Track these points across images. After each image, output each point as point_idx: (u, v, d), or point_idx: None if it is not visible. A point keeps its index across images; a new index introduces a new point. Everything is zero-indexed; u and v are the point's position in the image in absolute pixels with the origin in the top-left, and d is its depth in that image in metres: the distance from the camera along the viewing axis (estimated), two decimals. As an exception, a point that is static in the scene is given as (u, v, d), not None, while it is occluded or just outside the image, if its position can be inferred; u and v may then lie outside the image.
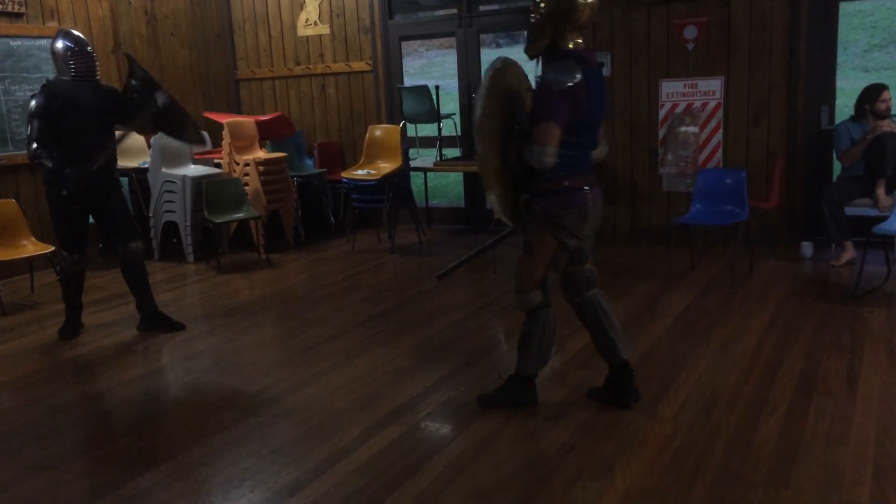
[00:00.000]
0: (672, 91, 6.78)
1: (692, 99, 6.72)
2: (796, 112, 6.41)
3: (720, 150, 6.69)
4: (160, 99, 4.61)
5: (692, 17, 6.62)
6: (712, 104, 6.66)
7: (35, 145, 4.53)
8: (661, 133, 6.87)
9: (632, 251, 6.63)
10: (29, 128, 4.58)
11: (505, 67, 3.33)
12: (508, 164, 3.29)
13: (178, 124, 4.91)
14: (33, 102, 4.58)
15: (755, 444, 3.12)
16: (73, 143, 4.58)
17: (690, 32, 6.64)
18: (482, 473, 3.00)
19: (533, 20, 3.28)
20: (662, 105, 6.85)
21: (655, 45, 6.81)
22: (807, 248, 6.10)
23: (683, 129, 6.75)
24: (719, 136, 6.67)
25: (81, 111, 4.60)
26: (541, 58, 3.37)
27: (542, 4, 3.24)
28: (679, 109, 6.77)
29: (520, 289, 3.46)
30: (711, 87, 6.63)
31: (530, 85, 3.46)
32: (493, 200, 3.26)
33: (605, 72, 6.95)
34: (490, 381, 3.86)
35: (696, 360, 4.05)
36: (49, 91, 4.58)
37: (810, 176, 6.47)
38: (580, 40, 3.27)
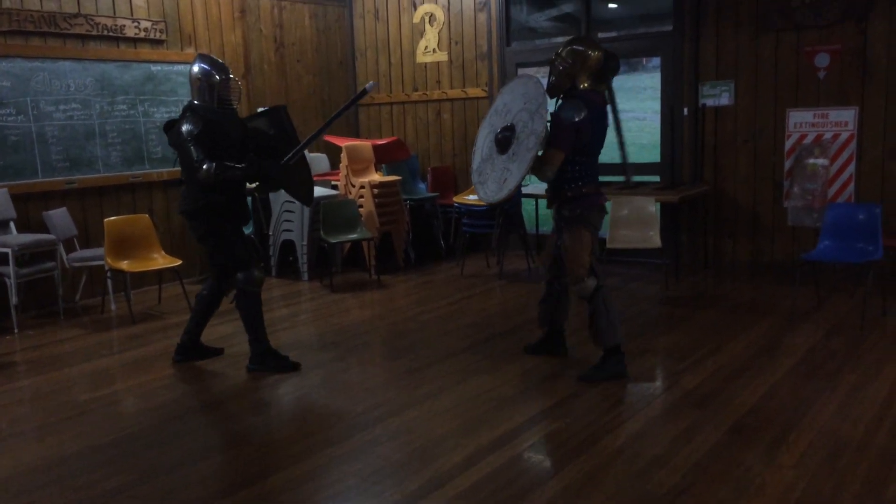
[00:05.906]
0: (800, 121, 6.47)
1: (822, 130, 6.39)
2: (939, 145, 6.00)
3: (852, 184, 6.32)
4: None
5: (824, 44, 6.32)
6: (844, 136, 6.31)
7: (213, 163, 4.34)
8: (788, 165, 6.56)
9: (751, 286, 6.33)
10: (195, 151, 4.36)
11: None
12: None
13: (298, 180, 4.80)
14: (190, 127, 4.40)
15: (886, 499, 2.90)
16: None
17: (822, 60, 6.33)
18: (587, 510, 2.91)
19: (561, 68, 4.15)
20: (789, 136, 6.55)
21: (783, 72, 6.54)
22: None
23: (812, 161, 6.42)
24: (851, 169, 6.31)
25: (229, 137, 4.56)
26: (560, 97, 4.23)
27: (565, 55, 4.14)
28: (808, 140, 6.46)
29: (575, 280, 4.20)
30: (844, 118, 6.29)
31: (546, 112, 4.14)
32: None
33: (726, 100, 6.79)
34: (597, 413, 3.76)
35: (820, 406, 3.81)
36: (204, 116, 4.48)
37: (954, 214, 6.02)
38: (588, 84, 4.14)
